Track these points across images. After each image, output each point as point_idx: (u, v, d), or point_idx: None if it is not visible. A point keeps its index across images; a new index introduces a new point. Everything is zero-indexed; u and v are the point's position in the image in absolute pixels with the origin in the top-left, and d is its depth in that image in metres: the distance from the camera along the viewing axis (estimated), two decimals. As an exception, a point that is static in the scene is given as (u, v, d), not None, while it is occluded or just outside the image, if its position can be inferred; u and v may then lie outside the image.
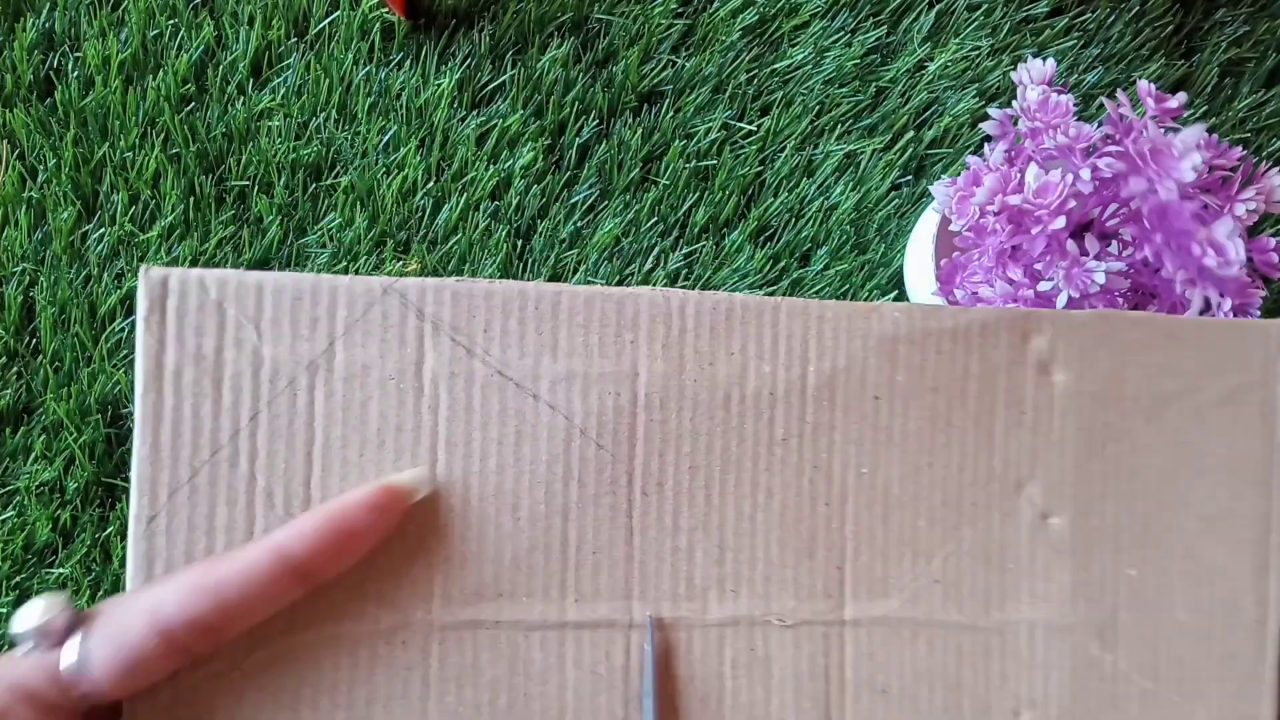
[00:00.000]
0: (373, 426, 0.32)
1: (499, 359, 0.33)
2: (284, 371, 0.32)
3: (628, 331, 0.34)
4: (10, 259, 0.60)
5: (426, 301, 0.33)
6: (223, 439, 0.32)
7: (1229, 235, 0.46)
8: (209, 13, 0.63)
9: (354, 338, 0.32)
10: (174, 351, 0.31)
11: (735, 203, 0.63)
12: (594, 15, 0.64)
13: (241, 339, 0.32)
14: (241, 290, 0.32)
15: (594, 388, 0.34)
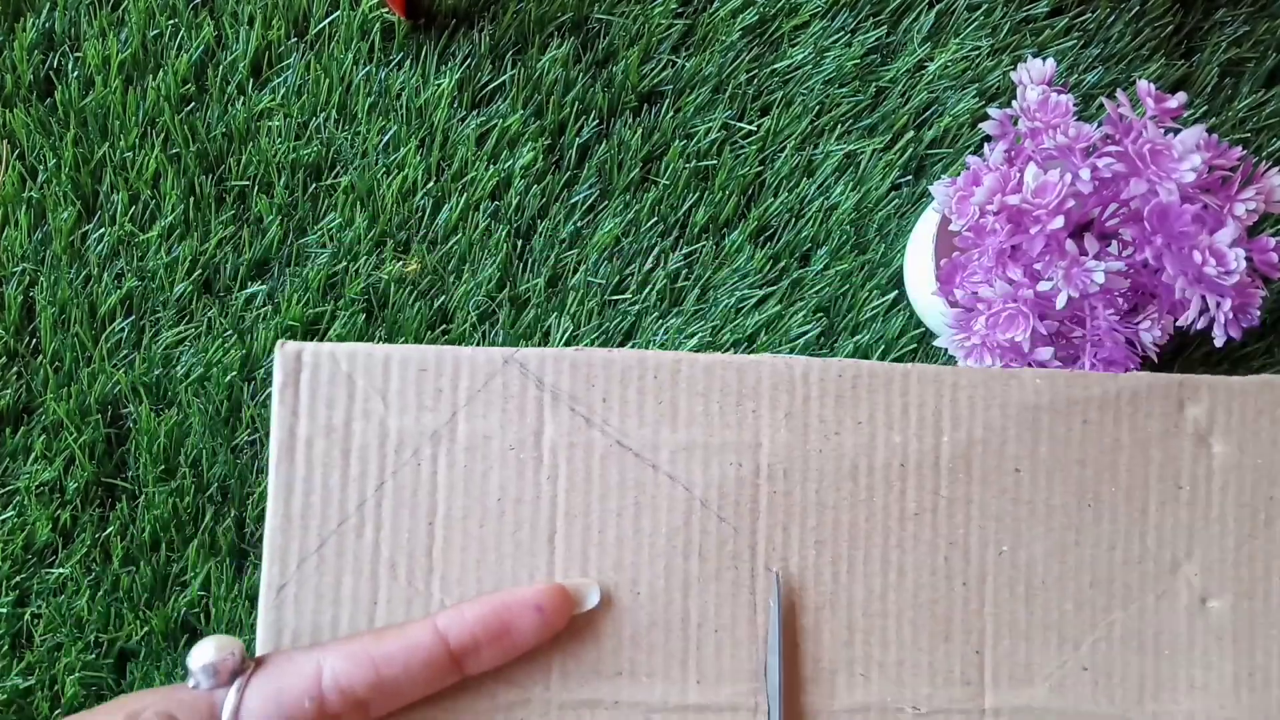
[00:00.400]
0: (493, 497, 0.33)
1: (618, 428, 0.33)
2: (409, 442, 0.32)
3: (749, 400, 0.33)
4: (10, 259, 0.60)
5: (546, 371, 0.33)
6: (350, 509, 0.32)
7: (1230, 243, 0.46)
8: (209, 13, 0.63)
9: (476, 408, 0.33)
10: (306, 423, 0.32)
11: (735, 203, 0.63)
12: (594, 15, 0.64)
13: (369, 410, 0.32)
14: (370, 363, 0.32)
15: (715, 458, 0.33)
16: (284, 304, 0.60)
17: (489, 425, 0.33)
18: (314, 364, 0.32)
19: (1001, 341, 0.49)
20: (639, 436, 0.33)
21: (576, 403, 0.33)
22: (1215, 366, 0.63)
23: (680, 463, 0.33)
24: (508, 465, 0.33)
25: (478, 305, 0.61)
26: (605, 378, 0.33)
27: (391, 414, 0.33)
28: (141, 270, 0.61)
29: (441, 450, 0.33)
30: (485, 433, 0.33)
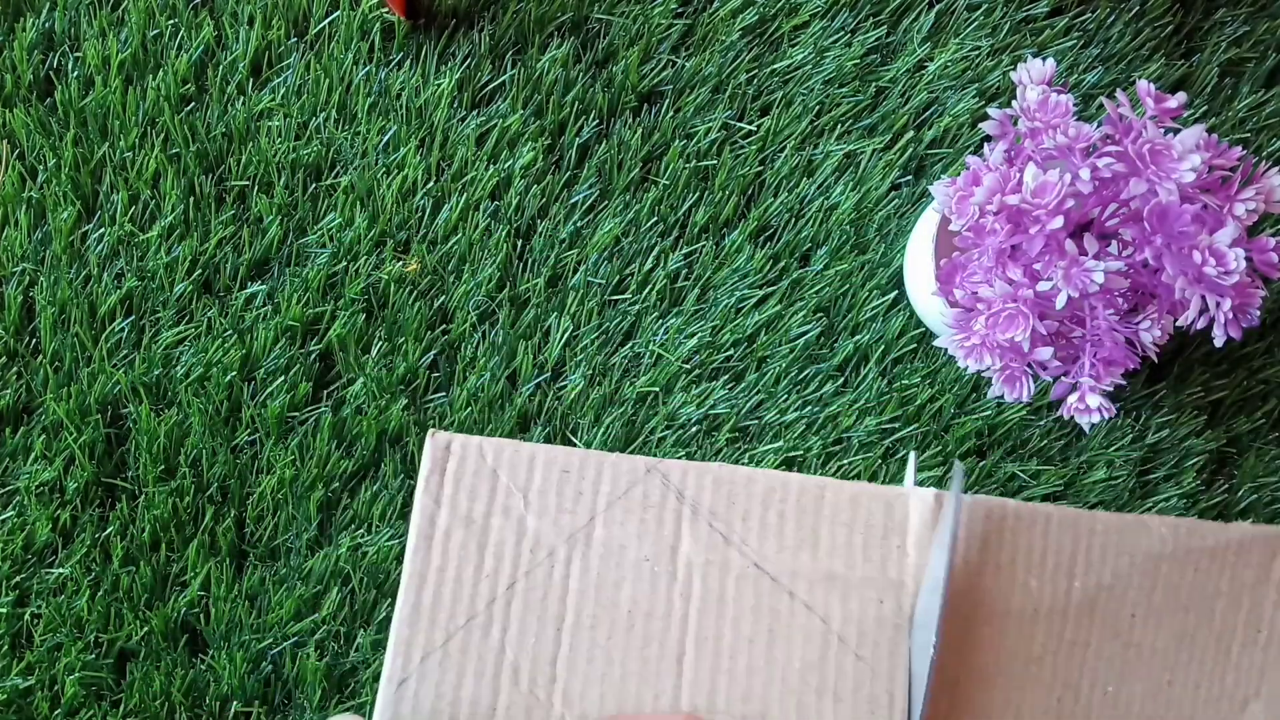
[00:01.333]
0: (624, 609, 0.32)
1: (756, 550, 0.32)
2: (545, 543, 0.32)
3: (895, 535, 0.32)
4: (10, 259, 0.60)
5: (688, 484, 0.32)
6: (479, 605, 0.32)
7: (1230, 243, 0.46)
8: (209, 13, 0.63)
9: (615, 514, 0.32)
10: (447, 513, 0.32)
11: (735, 203, 0.63)
12: (594, 15, 0.64)
13: (509, 507, 0.32)
14: (515, 459, 0.32)
15: (855, 592, 0.32)
16: (284, 304, 0.60)
17: (626, 534, 0.32)
18: (461, 455, 0.32)
19: (1001, 341, 0.49)
20: (777, 561, 0.32)
21: (716, 519, 0.32)
22: (1215, 366, 0.63)
23: (819, 593, 0.32)
24: (641, 577, 0.32)
25: (478, 305, 0.61)
26: (747, 496, 0.32)
27: (531, 513, 0.32)
28: (141, 270, 0.61)
29: (576, 554, 0.32)
30: (621, 541, 0.32)
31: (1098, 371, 0.50)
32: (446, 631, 0.32)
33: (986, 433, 0.61)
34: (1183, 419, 0.62)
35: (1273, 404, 0.63)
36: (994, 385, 0.52)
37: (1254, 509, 0.63)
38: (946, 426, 0.61)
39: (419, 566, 0.32)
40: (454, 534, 0.32)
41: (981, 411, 0.61)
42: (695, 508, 0.32)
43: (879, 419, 0.61)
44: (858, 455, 0.61)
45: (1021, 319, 0.48)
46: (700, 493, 0.32)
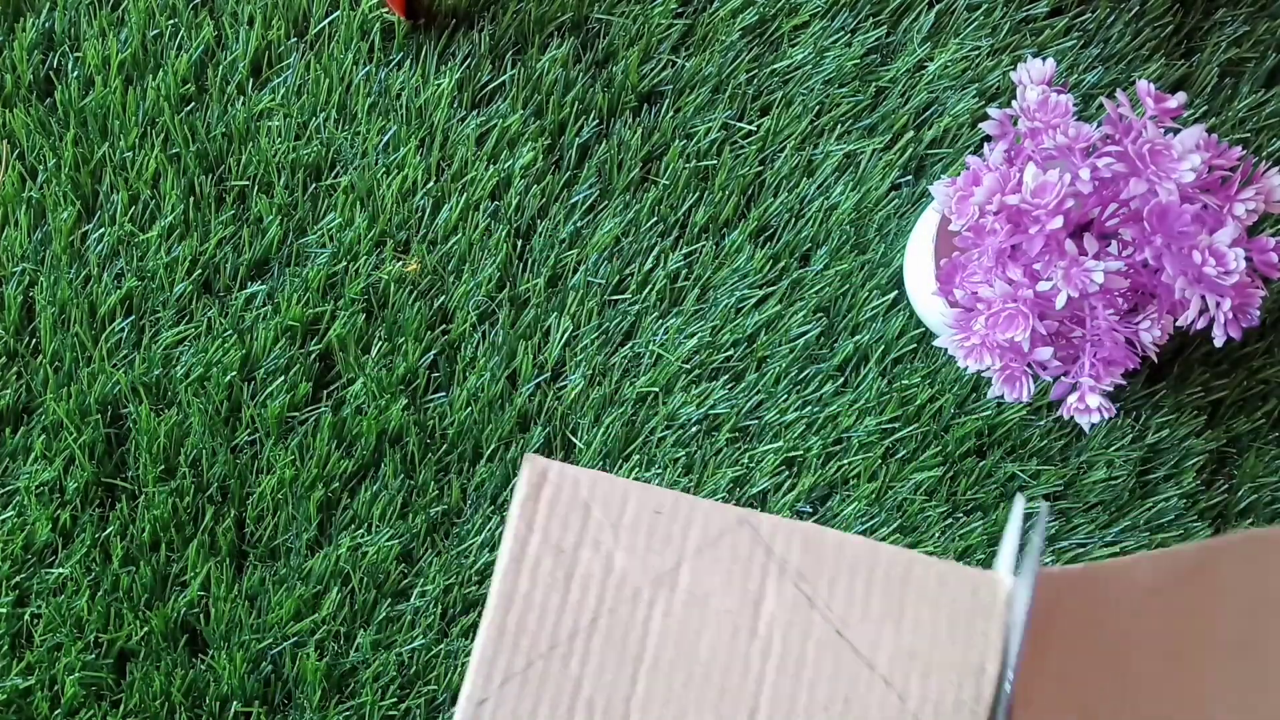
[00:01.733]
0: (702, 658, 0.32)
1: (840, 616, 0.32)
2: (631, 580, 0.32)
3: (981, 620, 0.32)
4: (10, 259, 0.60)
5: (777, 540, 0.32)
6: (561, 636, 0.32)
7: (1230, 243, 0.46)
8: (209, 13, 0.63)
9: (703, 561, 0.32)
10: (539, 540, 0.32)
11: (735, 203, 0.63)
12: (594, 15, 0.64)
13: (600, 541, 0.32)
14: (610, 494, 0.32)
15: (935, 673, 0.31)
16: (284, 304, 0.60)
17: (711, 583, 0.32)
18: (558, 484, 0.32)
19: (1001, 341, 0.49)
20: (860, 630, 0.32)
21: (803, 580, 0.32)
22: (1215, 366, 0.63)
23: (899, 668, 0.31)
24: (723, 629, 0.32)
25: (478, 305, 0.61)
26: (836, 560, 0.32)
27: (620, 549, 0.32)
28: (141, 270, 0.61)
29: (661, 596, 0.32)
30: (707, 590, 0.32)
31: (1098, 371, 0.50)
32: (528, 658, 0.32)
33: (986, 433, 0.61)
34: (1183, 419, 0.62)
35: (1273, 404, 0.63)
36: (994, 385, 0.52)
37: (1254, 509, 0.63)
38: (946, 426, 0.61)
39: (508, 588, 0.32)
40: (544, 562, 0.32)
41: (981, 411, 0.61)
42: (783, 566, 0.32)
43: (879, 419, 0.61)
44: (858, 455, 0.61)
45: (1021, 319, 0.48)
46: (789, 550, 0.32)
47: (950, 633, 0.32)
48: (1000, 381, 0.51)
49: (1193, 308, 0.48)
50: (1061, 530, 0.62)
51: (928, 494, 0.61)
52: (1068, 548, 0.61)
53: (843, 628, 0.32)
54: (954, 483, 0.61)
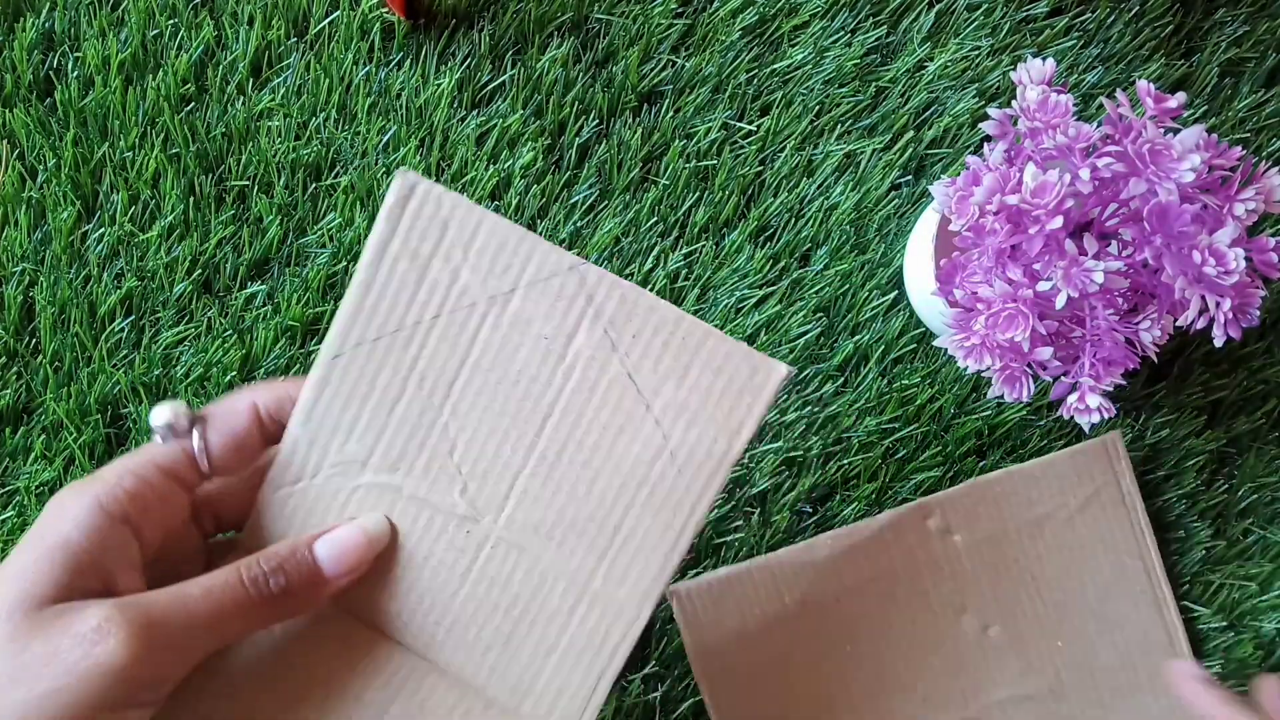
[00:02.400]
0: (515, 367, 0.37)
1: (634, 363, 0.37)
2: (470, 294, 0.37)
3: (750, 395, 0.37)
4: (10, 259, 0.60)
5: (600, 290, 0.37)
6: (407, 322, 0.37)
7: (1230, 243, 0.46)
8: (209, 13, 0.63)
9: (533, 292, 0.37)
10: (399, 243, 0.37)
11: (735, 203, 0.63)
12: (594, 15, 0.64)
13: (450, 256, 0.37)
14: (466, 219, 0.37)
15: (699, 426, 0.37)
16: (284, 304, 0.60)
17: (536, 311, 0.37)
18: (423, 199, 0.37)
19: (1001, 341, 0.49)
20: (648, 378, 0.37)
21: (612, 327, 0.37)
22: (1215, 366, 0.63)
23: (670, 415, 0.37)
24: (537, 350, 0.37)
25: (477, 305, 0.61)
26: (645, 318, 0.37)
27: (466, 267, 0.37)
28: (141, 270, 0.61)
29: (493, 312, 0.37)
30: (531, 316, 0.37)
31: (1098, 371, 0.50)
32: (378, 332, 0.38)
33: (986, 433, 0.61)
34: (1183, 419, 0.62)
35: (1273, 404, 0.63)
36: (994, 385, 0.52)
37: (1254, 509, 0.63)
38: (946, 426, 0.61)
39: (368, 277, 0.37)
40: (400, 261, 0.37)
41: (981, 411, 0.61)
42: (599, 312, 0.37)
43: (879, 419, 0.61)
44: (858, 455, 0.61)
45: (1021, 319, 0.48)
46: (607, 301, 0.37)
47: (721, 398, 0.37)
48: (1000, 381, 0.51)
49: (1193, 308, 0.48)
50: (1061, 530, 0.62)
51: (928, 494, 0.61)
52: (1068, 548, 0.61)
53: (634, 372, 0.37)
54: (954, 483, 0.61)
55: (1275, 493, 0.63)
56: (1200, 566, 0.62)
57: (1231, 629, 0.62)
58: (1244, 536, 0.63)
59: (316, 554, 0.37)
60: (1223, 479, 0.63)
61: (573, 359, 0.37)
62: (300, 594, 0.37)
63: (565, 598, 0.38)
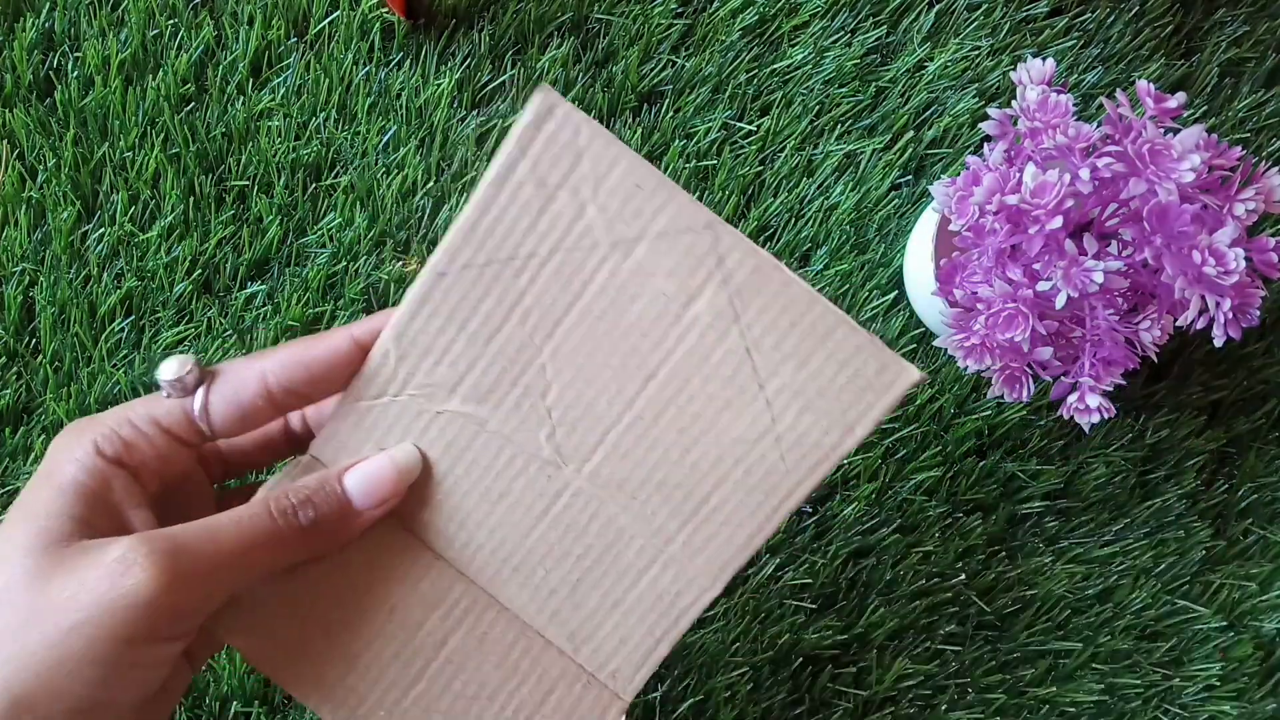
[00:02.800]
0: (628, 318, 0.36)
1: (755, 339, 0.36)
2: (593, 234, 0.35)
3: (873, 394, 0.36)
4: (10, 259, 0.60)
5: (733, 254, 0.35)
6: (521, 253, 0.35)
7: (1230, 243, 0.46)
8: (209, 13, 0.63)
9: (660, 244, 0.35)
10: (527, 167, 0.35)
11: (735, 203, 0.63)
12: (594, 15, 0.64)
13: (579, 189, 0.35)
14: (603, 153, 0.35)
15: (811, 414, 0.36)
16: (284, 304, 0.60)
17: (660, 264, 0.35)
18: (561, 122, 0.34)
19: (1001, 341, 0.49)
20: (766, 357, 0.35)
21: (738, 296, 0.35)
22: (1215, 366, 0.63)
23: (783, 399, 0.36)
24: (654, 304, 0.35)
25: (477, 305, 0.61)
26: (775, 294, 0.35)
27: (593, 204, 0.35)
28: (141, 270, 0.61)
29: (613, 257, 0.35)
30: (654, 269, 0.35)
31: (1098, 371, 0.50)
32: (489, 258, 0.35)
33: (986, 433, 0.61)
34: (1183, 419, 0.62)
35: (1273, 404, 0.63)
36: (994, 385, 0.52)
37: (1254, 509, 0.63)
38: (946, 426, 0.61)
39: (488, 197, 0.35)
40: (525, 188, 0.35)
41: (981, 411, 0.61)
42: (727, 278, 0.35)
43: (879, 419, 0.61)
44: (858, 455, 0.61)
45: (1021, 319, 0.48)
46: (739, 268, 0.35)
47: (842, 391, 0.35)
48: (1000, 381, 0.51)
49: (1193, 308, 0.48)
50: (1062, 530, 0.62)
51: (928, 494, 0.61)
52: (1068, 547, 0.61)
53: (753, 348, 0.35)
54: (954, 483, 0.61)
55: (1275, 493, 0.63)
56: (1200, 566, 0.62)
57: (1231, 629, 0.62)
58: (1244, 536, 0.63)
59: (346, 486, 0.36)
60: (1223, 479, 0.63)
61: (690, 321, 0.35)
62: (330, 527, 0.36)
63: (640, 556, 0.37)
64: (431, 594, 0.38)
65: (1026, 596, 0.61)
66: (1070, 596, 0.61)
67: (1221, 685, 0.61)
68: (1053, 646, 0.61)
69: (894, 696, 0.60)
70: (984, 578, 0.61)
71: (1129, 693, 0.61)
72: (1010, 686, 0.60)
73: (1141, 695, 0.61)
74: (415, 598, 0.38)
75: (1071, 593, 0.61)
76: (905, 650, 0.60)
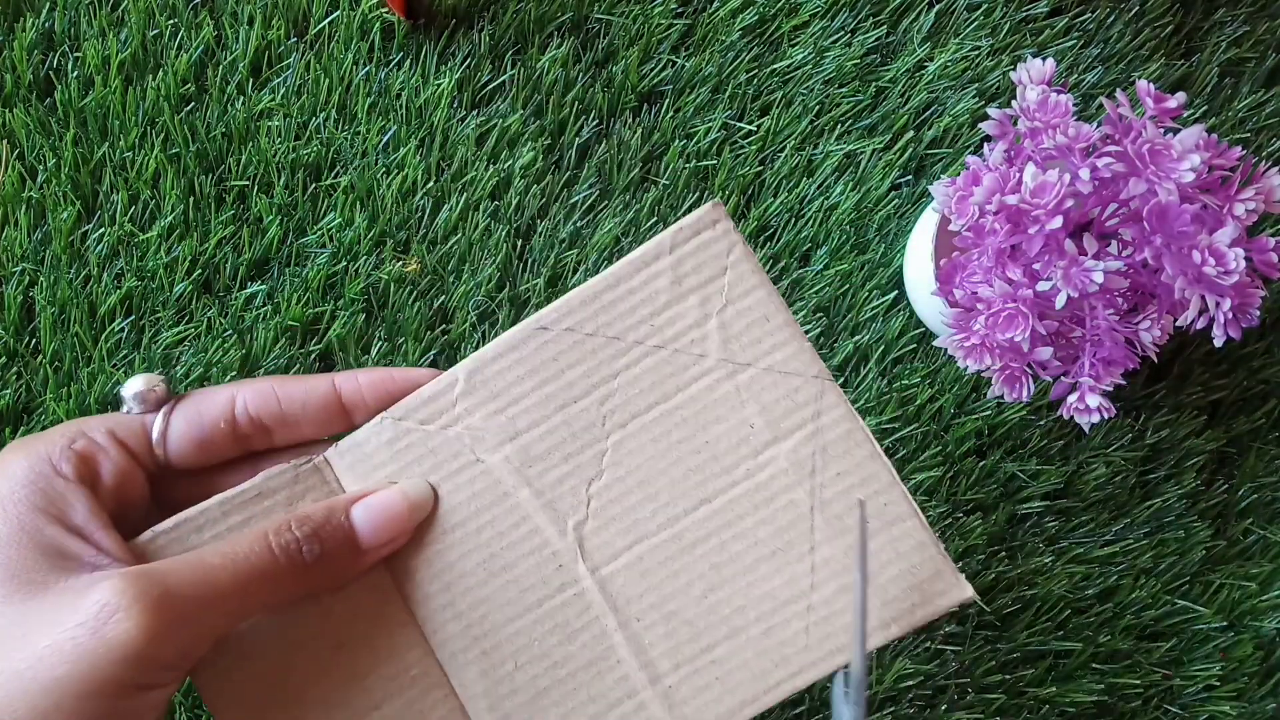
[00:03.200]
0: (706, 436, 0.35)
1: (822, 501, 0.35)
2: (707, 345, 0.35)
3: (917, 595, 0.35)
4: (10, 259, 0.60)
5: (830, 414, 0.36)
6: (629, 337, 0.35)
7: (1230, 243, 0.46)
8: (209, 13, 0.63)
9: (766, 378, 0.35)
10: (670, 262, 0.35)
11: (735, 203, 0.63)
12: (594, 15, 0.64)
13: (709, 302, 0.35)
14: (742, 277, 0.35)
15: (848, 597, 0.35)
16: (284, 304, 0.60)
17: (759, 396, 0.35)
18: (717, 236, 0.34)
19: (1001, 341, 0.49)
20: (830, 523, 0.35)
21: (822, 454, 0.35)
22: (1215, 366, 0.63)
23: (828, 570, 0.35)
24: (738, 432, 0.35)
25: (478, 305, 0.61)
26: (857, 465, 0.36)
27: (715, 319, 0.35)
28: (141, 270, 0.61)
29: (717, 373, 0.35)
30: (749, 398, 0.35)
31: (1098, 371, 0.50)
32: (596, 328, 0.35)
33: (986, 433, 0.61)
34: (1183, 419, 0.62)
35: (1273, 404, 0.63)
36: (994, 385, 0.52)
37: (1254, 509, 0.63)
38: (946, 426, 0.61)
39: (622, 274, 0.34)
40: (661, 278, 0.34)
41: (981, 411, 0.61)
42: (817, 432, 0.35)
43: (879, 419, 0.61)
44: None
45: (1021, 319, 0.48)
46: (832, 429, 0.35)
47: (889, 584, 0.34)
48: (1000, 381, 0.51)
49: (1193, 308, 0.48)
50: (1062, 530, 0.62)
51: (928, 494, 0.61)
52: (1067, 547, 0.61)
53: (818, 509, 0.35)
54: (954, 483, 0.61)
55: (1275, 493, 0.63)
56: (1200, 566, 0.62)
57: (1231, 629, 0.62)
58: (1244, 536, 0.63)
59: (354, 519, 0.33)
60: (1223, 479, 0.63)
61: (766, 461, 0.34)
62: (335, 565, 0.33)
63: (618, 686, 0.34)
64: (386, 650, 0.35)
65: (1026, 596, 0.61)
66: (1070, 596, 0.61)
67: (1221, 685, 0.61)
68: (1053, 646, 0.61)
69: (894, 696, 0.60)
70: (984, 578, 0.61)
71: (1129, 693, 0.61)
72: (1010, 686, 0.60)
73: (1141, 695, 0.61)
74: (368, 648, 0.35)
75: (1071, 593, 0.61)
76: (905, 650, 0.60)
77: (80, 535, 0.31)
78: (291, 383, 0.34)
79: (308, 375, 0.35)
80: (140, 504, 0.35)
